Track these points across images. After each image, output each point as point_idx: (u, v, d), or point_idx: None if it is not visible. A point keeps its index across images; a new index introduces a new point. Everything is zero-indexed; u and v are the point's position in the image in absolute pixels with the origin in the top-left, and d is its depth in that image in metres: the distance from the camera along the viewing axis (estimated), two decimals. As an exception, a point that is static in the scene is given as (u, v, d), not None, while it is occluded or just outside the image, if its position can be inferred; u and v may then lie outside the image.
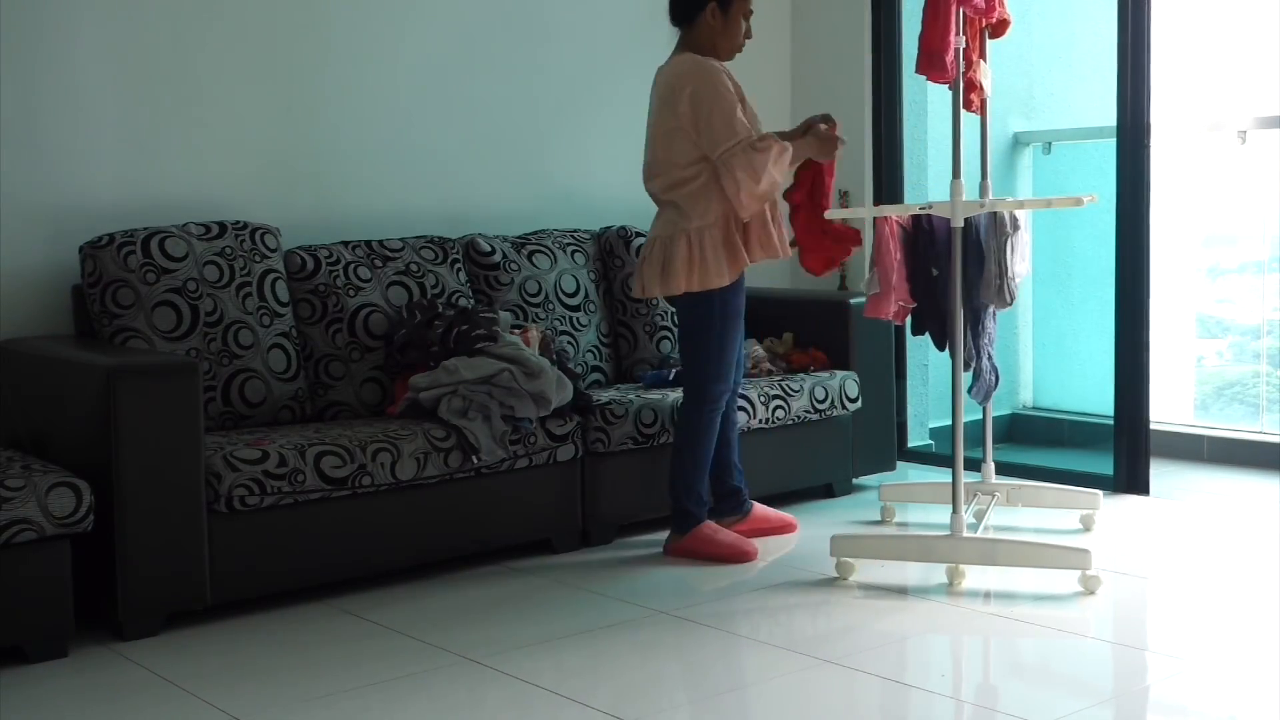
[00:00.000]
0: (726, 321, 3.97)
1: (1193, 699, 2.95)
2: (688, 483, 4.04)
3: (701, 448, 4.03)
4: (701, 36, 3.96)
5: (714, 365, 3.98)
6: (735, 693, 3.07)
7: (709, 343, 3.97)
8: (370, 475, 3.67)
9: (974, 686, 3.22)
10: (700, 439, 4.03)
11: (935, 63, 3.77)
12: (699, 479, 4.04)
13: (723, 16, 3.93)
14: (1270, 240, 5.89)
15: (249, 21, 4.30)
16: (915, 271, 3.97)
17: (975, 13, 3.87)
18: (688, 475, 4.03)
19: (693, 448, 4.03)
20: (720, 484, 4.21)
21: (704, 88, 3.87)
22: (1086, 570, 3.60)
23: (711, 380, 3.98)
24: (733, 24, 3.96)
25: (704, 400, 4.00)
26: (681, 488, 4.05)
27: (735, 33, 3.98)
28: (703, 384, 3.99)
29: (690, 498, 4.04)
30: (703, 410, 4.01)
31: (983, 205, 3.87)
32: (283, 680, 3.12)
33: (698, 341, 3.99)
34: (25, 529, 3.11)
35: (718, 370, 3.98)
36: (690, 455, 4.03)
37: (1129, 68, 4.66)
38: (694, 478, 4.03)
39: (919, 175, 5.55)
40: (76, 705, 3.01)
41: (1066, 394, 6.16)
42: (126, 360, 3.46)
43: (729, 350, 4.00)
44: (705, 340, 3.97)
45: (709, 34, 3.95)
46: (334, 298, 4.18)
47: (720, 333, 3.97)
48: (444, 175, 4.75)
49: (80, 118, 4.00)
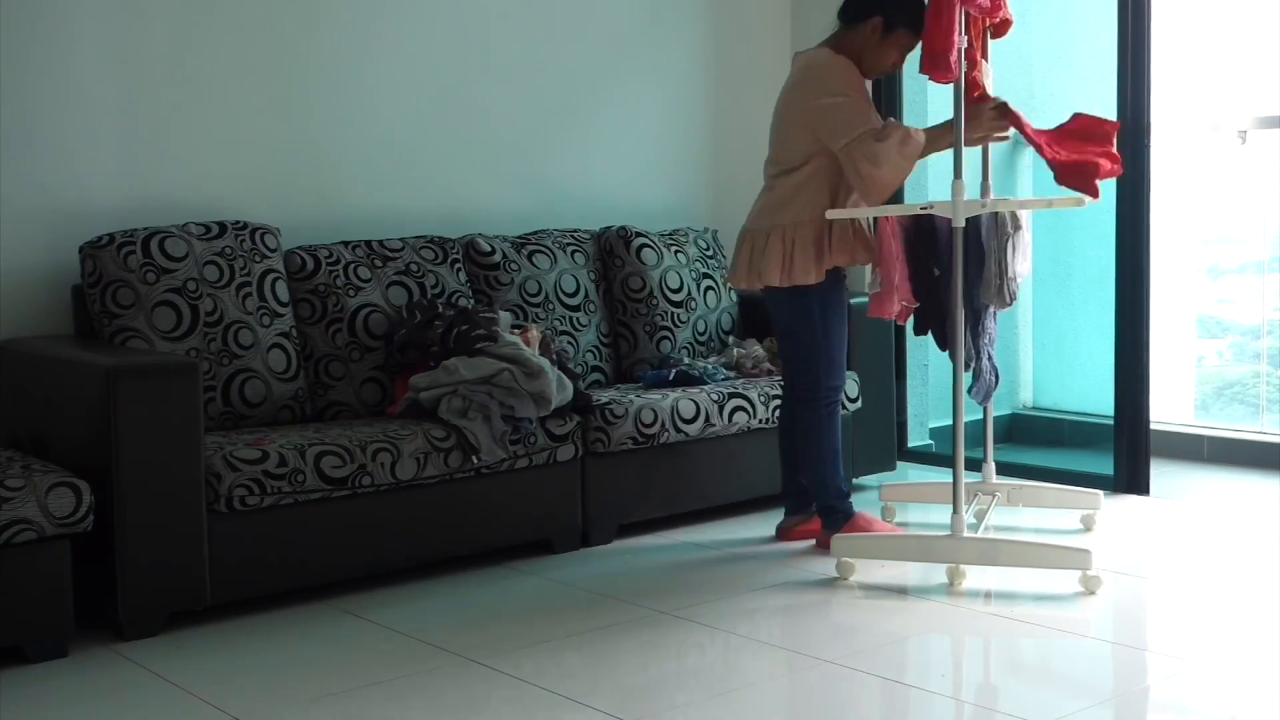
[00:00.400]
0: (828, 317, 3.98)
1: (1193, 699, 2.95)
2: (823, 481, 4.05)
3: (826, 445, 4.03)
4: (854, 42, 3.95)
5: (820, 362, 3.98)
6: (735, 693, 3.07)
7: (812, 340, 3.98)
8: (370, 475, 3.67)
9: (974, 686, 3.22)
10: (821, 437, 4.03)
11: (939, 63, 3.76)
12: (834, 474, 4.04)
13: (882, 35, 3.91)
14: (1270, 240, 5.89)
15: (249, 21, 4.30)
16: (917, 271, 3.97)
17: (979, 12, 3.86)
18: (821, 473, 4.04)
19: (817, 446, 4.03)
20: (789, 481, 4.22)
21: (834, 80, 3.87)
22: (1087, 570, 3.60)
23: (820, 377, 4.00)
24: (886, 48, 3.94)
25: (816, 398, 4.01)
26: (819, 488, 4.06)
27: (883, 57, 3.96)
28: (812, 382, 4.01)
29: (830, 494, 4.05)
30: (818, 409, 4.02)
31: (984, 205, 3.87)
32: (283, 680, 3.12)
33: (799, 339, 4.01)
34: (25, 529, 3.11)
35: (830, 365, 3.99)
36: (817, 454, 4.04)
37: (1129, 68, 4.66)
38: (826, 474, 4.04)
39: (919, 175, 5.54)
40: (76, 705, 3.00)
41: (1066, 394, 6.16)
42: (126, 360, 3.46)
43: (835, 346, 4.00)
44: (808, 337, 3.98)
45: (861, 44, 3.94)
46: (334, 298, 4.18)
47: (824, 328, 3.97)
48: (444, 175, 4.75)
49: (80, 118, 4.00)
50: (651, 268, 4.83)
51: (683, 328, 4.86)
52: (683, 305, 4.87)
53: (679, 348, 4.82)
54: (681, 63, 5.32)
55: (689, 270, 4.94)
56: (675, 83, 5.30)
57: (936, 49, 3.77)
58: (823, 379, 4.00)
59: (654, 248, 4.87)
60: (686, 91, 5.36)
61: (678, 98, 5.34)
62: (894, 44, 3.94)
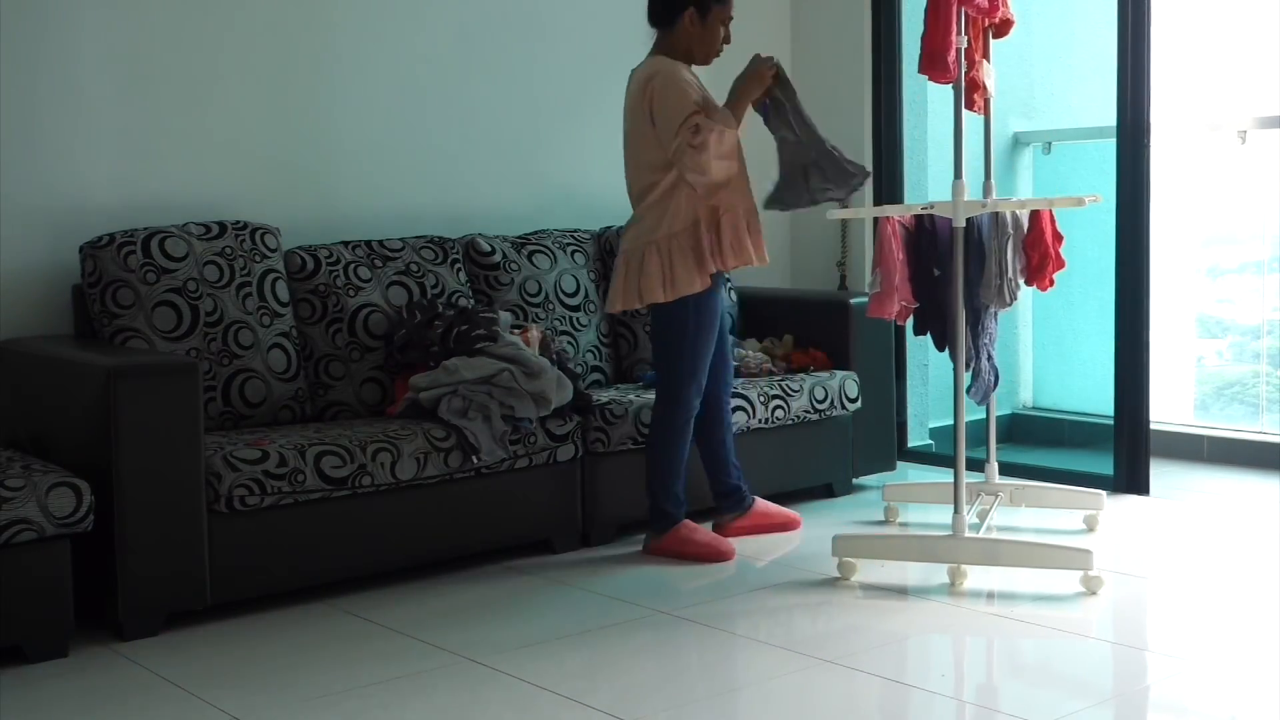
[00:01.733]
0: (701, 327, 3.97)
1: (1193, 699, 2.95)
2: (664, 484, 4.05)
3: (676, 450, 4.04)
4: (678, 41, 3.95)
5: (687, 370, 3.98)
6: (735, 693, 3.07)
7: (682, 347, 3.97)
8: (370, 475, 3.67)
9: (974, 686, 3.22)
10: (675, 442, 4.03)
11: (937, 62, 3.77)
12: (674, 480, 4.05)
13: (701, 22, 3.92)
14: (1270, 240, 5.89)
15: (249, 22, 4.30)
16: (918, 271, 3.97)
17: (978, 12, 3.86)
18: (663, 477, 4.04)
19: (667, 450, 4.03)
20: (719, 483, 4.22)
21: (660, 86, 3.87)
22: (1089, 571, 3.60)
23: (685, 384, 3.99)
24: (711, 30, 3.94)
25: (678, 404, 4.01)
26: (658, 488, 4.06)
27: (713, 39, 3.96)
28: (677, 388, 4.00)
29: (668, 499, 4.06)
30: (676, 414, 4.01)
31: (984, 205, 3.86)
32: (283, 680, 3.11)
33: (671, 346, 4.00)
34: (25, 529, 3.11)
35: (691, 374, 3.99)
36: (665, 457, 4.03)
37: (1129, 68, 4.66)
38: (669, 479, 4.04)
39: (919, 175, 5.55)
40: (76, 705, 3.00)
41: (1066, 394, 6.16)
42: (126, 360, 3.46)
43: (703, 355, 4.00)
44: (679, 345, 3.97)
45: (686, 39, 3.94)
46: (334, 298, 4.18)
47: (694, 338, 3.96)
48: (444, 175, 4.75)
49: (80, 118, 4.00)
50: (651, 268, 4.82)
51: (683, 328, 4.85)
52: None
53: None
54: (681, 63, 5.31)
55: (689, 270, 4.93)
56: (675, 83, 5.29)
57: (934, 48, 3.77)
58: (685, 386, 3.98)
59: (654, 248, 4.86)
60: (686, 91, 5.35)
61: (678, 98, 5.32)
62: (715, 22, 3.93)
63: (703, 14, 3.92)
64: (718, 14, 3.94)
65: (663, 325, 4.01)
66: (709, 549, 4.04)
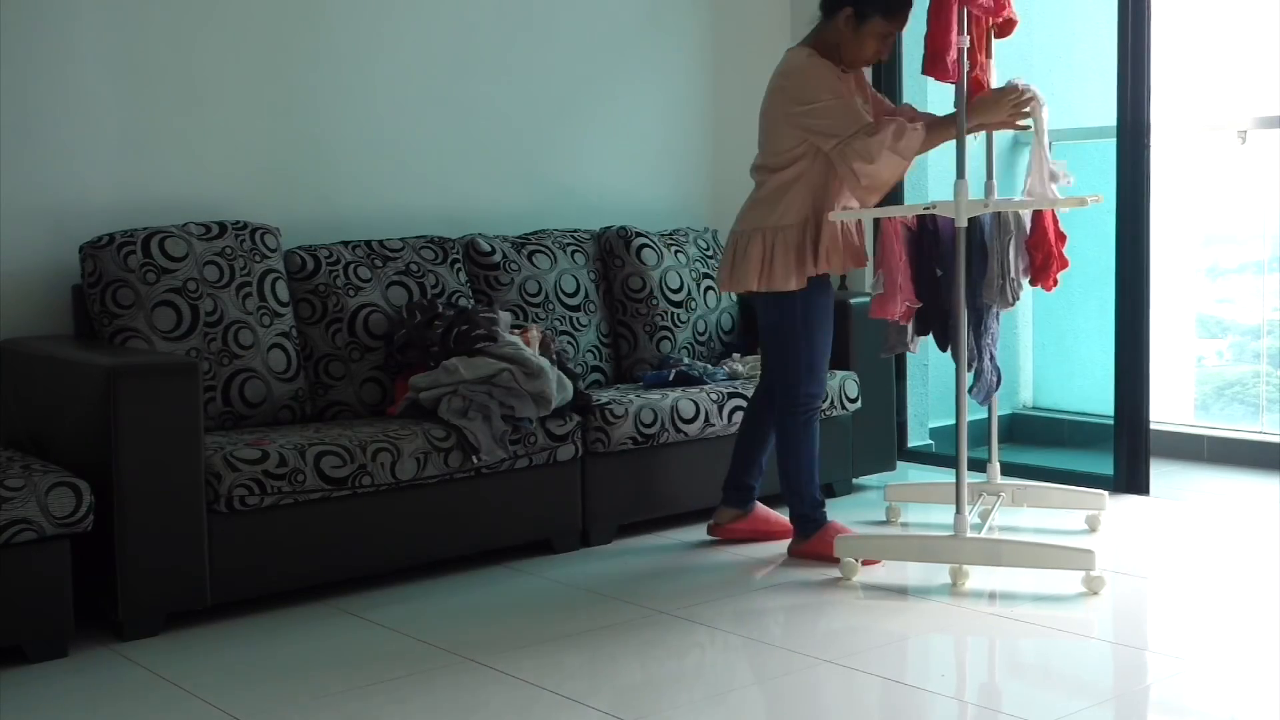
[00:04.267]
0: (811, 324, 3.91)
1: (1193, 699, 2.95)
2: (797, 489, 3.99)
3: (803, 453, 3.96)
4: (830, 36, 3.87)
5: (800, 368, 3.92)
6: (735, 693, 3.07)
7: (794, 345, 3.91)
8: (370, 475, 3.66)
9: (975, 687, 3.22)
10: (799, 445, 3.96)
11: (938, 63, 3.76)
12: (809, 483, 3.98)
13: (855, 25, 3.81)
14: (1270, 240, 5.89)
15: (248, 22, 4.30)
16: (920, 272, 3.97)
17: (981, 12, 3.85)
18: (795, 481, 3.98)
19: (794, 455, 3.97)
20: (737, 478, 4.18)
21: (810, 82, 3.81)
22: (1091, 571, 3.60)
23: (799, 383, 3.93)
24: (862, 38, 3.83)
25: (795, 406, 3.94)
26: (793, 495, 4.01)
27: (860, 48, 3.85)
28: (791, 388, 3.93)
29: (805, 503, 4.00)
30: (796, 417, 3.95)
31: (987, 205, 3.86)
32: (283, 680, 3.11)
33: (781, 344, 3.94)
34: (25, 529, 3.11)
35: (805, 374, 3.92)
36: (794, 462, 3.97)
37: (1129, 68, 4.66)
38: (802, 483, 3.98)
39: (919, 175, 5.55)
40: (76, 705, 3.00)
41: (1066, 394, 6.16)
42: (126, 360, 3.46)
43: (817, 353, 3.93)
44: (789, 342, 3.91)
45: (836, 37, 3.85)
46: (334, 298, 4.18)
47: (806, 335, 3.91)
48: (444, 175, 4.75)
49: (80, 118, 4.00)
50: (651, 268, 4.83)
51: (683, 328, 4.86)
52: (683, 305, 4.87)
53: (679, 348, 4.82)
54: (681, 63, 5.32)
55: (689, 270, 4.94)
56: (675, 83, 5.30)
57: (937, 48, 3.76)
58: (802, 386, 3.93)
59: (654, 248, 4.87)
60: (686, 91, 5.36)
61: (678, 98, 5.33)
62: (869, 33, 3.83)
63: (860, 19, 3.80)
64: (875, 26, 3.81)
65: (771, 321, 3.96)
66: None
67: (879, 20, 3.81)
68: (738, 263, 3.92)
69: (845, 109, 3.78)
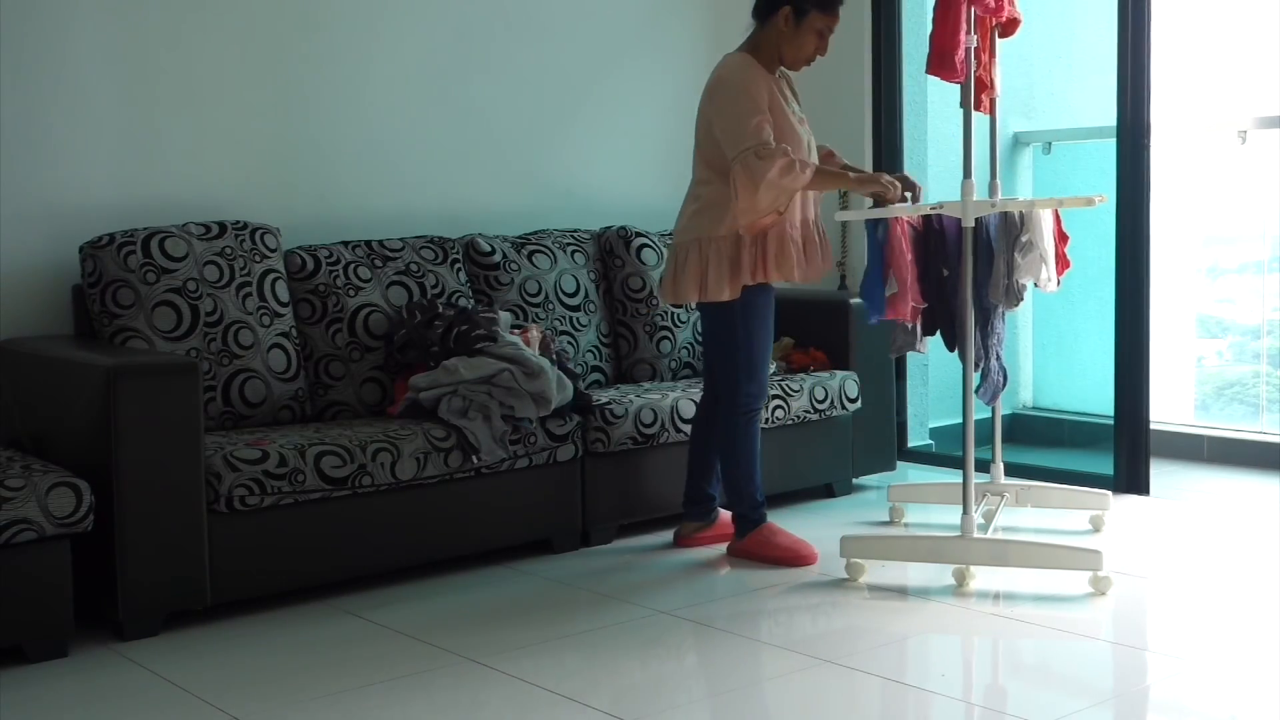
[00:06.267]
0: (750, 327, 3.92)
1: (1193, 699, 2.95)
2: (737, 489, 4.01)
3: (743, 454, 3.99)
4: (769, 38, 3.87)
5: (741, 370, 3.93)
6: (736, 693, 3.07)
7: (733, 347, 3.93)
8: (370, 475, 3.66)
9: (976, 687, 3.22)
10: (740, 446, 3.98)
11: (946, 62, 3.76)
12: (748, 483, 4.00)
13: (794, 24, 3.82)
14: (1270, 240, 5.89)
15: (248, 21, 4.30)
16: (926, 272, 3.96)
17: (985, 11, 3.85)
18: (735, 481, 4.01)
19: (734, 454, 3.99)
20: (696, 489, 4.17)
21: (732, 89, 3.82)
22: (1098, 571, 3.59)
23: (740, 384, 3.94)
24: (802, 35, 3.83)
25: (736, 406, 3.96)
26: (733, 494, 4.03)
27: (802, 44, 3.85)
28: (733, 389, 3.95)
29: (745, 503, 4.02)
30: (737, 417, 3.97)
31: (993, 205, 3.86)
32: (283, 680, 3.11)
33: (721, 347, 3.96)
34: (25, 529, 3.11)
35: (745, 375, 3.93)
36: (733, 461, 4.00)
37: (1129, 68, 4.66)
38: (742, 483, 4.00)
39: (919, 176, 5.55)
40: (76, 705, 3.00)
41: (1066, 394, 6.16)
42: (126, 360, 3.46)
43: (756, 354, 3.95)
44: (729, 345, 3.93)
45: (776, 38, 3.86)
46: (334, 298, 4.18)
47: (745, 337, 3.92)
48: (444, 175, 4.74)
49: (80, 118, 4.00)
50: (651, 268, 4.83)
51: (683, 328, 4.86)
52: (683, 305, 4.86)
53: (679, 348, 4.82)
54: (681, 62, 5.31)
55: (689, 270, 4.93)
56: (675, 83, 5.29)
57: (944, 48, 3.76)
58: (741, 386, 3.94)
59: (654, 248, 4.87)
60: (686, 91, 5.32)
61: (678, 98, 5.32)
62: (809, 29, 3.83)
63: (798, 16, 3.81)
64: (814, 20, 3.82)
65: (711, 324, 3.98)
66: (790, 552, 3.98)
67: (816, 14, 3.83)
68: (679, 275, 3.92)
69: (748, 122, 3.74)
